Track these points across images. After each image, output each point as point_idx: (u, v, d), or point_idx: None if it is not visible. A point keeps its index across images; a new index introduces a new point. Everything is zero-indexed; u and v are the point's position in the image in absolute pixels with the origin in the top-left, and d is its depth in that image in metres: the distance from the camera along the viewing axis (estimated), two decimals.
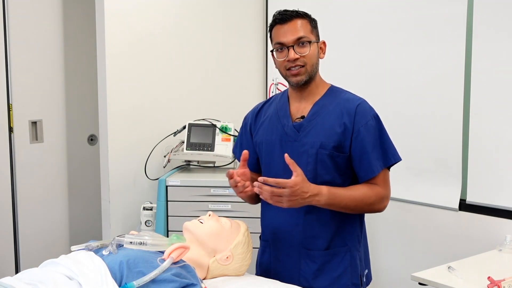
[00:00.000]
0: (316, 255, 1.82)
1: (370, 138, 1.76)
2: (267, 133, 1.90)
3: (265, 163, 1.91)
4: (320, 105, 1.83)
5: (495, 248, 2.33)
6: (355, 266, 1.84)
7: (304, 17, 1.82)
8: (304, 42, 1.77)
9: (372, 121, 1.78)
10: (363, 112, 1.78)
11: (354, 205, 1.76)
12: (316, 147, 1.78)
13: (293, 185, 1.63)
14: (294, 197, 1.64)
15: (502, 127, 2.37)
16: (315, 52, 1.80)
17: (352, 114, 1.77)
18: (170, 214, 2.82)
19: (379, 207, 1.80)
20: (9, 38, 3.07)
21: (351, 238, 1.84)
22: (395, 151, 1.82)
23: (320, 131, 1.79)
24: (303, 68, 1.78)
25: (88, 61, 3.33)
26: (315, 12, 1.88)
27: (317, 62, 1.83)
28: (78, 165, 3.42)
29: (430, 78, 2.63)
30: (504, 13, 2.34)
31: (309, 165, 1.78)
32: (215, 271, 1.70)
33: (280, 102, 1.92)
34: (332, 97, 1.84)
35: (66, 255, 1.53)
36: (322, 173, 1.78)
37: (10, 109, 3.10)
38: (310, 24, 1.82)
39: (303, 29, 1.78)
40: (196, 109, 3.27)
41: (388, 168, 1.82)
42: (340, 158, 1.78)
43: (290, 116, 1.86)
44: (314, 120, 1.81)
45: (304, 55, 1.77)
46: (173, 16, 3.21)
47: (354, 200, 1.75)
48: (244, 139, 2.02)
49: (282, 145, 1.84)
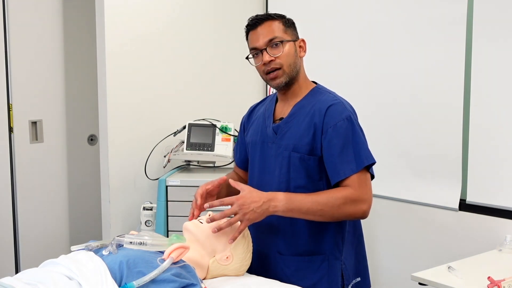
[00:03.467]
0: (290, 260, 1.80)
1: (338, 140, 1.69)
2: (254, 134, 1.90)
3: (251, 163, 1.91)
4: (299, 106, 1.80)
5: (495, 248, 2.33)
6: (334, 275, 1.78)
7: (275, 18, 1.77)
8: (277, 43, 1.74)
9: (342, 122, 1.70)
10: (333, 113, 1.72)
11: (320, 209, 1.65)
12: (289, 150, 1.76)
13: (238, 198, 1.62)
14: (247, 209, 1.61)
15: (502, 127, 2.37)
16: (290, 51, 1.76)
17: (322, 115, 1.72)
18: (170, 214, 2.82)
19: (353, 210, 1.68)
20: (9, 38, 3.07)
21: (329, 246, 1.78)
22: (368, 152, 1.73)
23: (294, 134, 1.76)
24: (280, 70, 1.75)
25: (88, 61, 3.33)
26: (314, 13, 1.87)
27: (295, 61, 1.77)
28: (78, 165, 3.42)
29: (430, 78, 2.62)
30: (504, 13, 2.34)
31: (283, 168, 1.77)
32: (215, 271, 1.70)
33: (270, 103, 1.91)
34: (312, 98, 1.80)
35: (66, 255, 1.53)
36: (294, 176, 1.75)
37: (10, 109, 3.10)
38: (284, 24, 1.77)
39: (275, 30, 1.75)
40: (196, 109, 3.27)
41: (367, 171, 1.73)
42: (312, 161, 1.73)
43: (273, 117, 1.85)
44: (291, 122, 1.79)
45: (278, 56, 1.73)
46: (173, 16, 3.21)
47: (317, 204, 1.65)
48: (239, 138, 2.03)
49: (264, 146, 1.84)
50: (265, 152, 1.84)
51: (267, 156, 1.83)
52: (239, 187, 1.68)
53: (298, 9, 3.14)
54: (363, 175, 1.71)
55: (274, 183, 1.80)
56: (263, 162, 1.85)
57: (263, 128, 1.87)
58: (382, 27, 2.82)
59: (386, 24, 2.80)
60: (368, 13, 2.88)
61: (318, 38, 3.06)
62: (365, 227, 1.95)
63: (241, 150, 2.02)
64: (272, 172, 1.81)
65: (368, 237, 2.86)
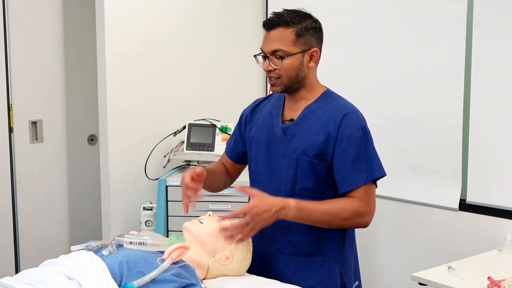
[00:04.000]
0: (291, 260, 1.80)
1: (352, 150, 1.70)
2: (259, 131, 1.88)
3: (254, 161, 1.90)
4: (310, 109, 1.79)
5: (495, 248, 2.33)
6: (334, 278, 1.79)
7: (289, 25, 1.71)
8: (280, 55, 1.71)
9: (357, 132, 1.71)
10: (349, 122, 1.71)
11: (328, 220, 1.69)
12: (298, 153, 1.75)
13: (251, 208, 1.61)
14: (260, 219, 1.62)
15: (502, 127, 2.37)
16: (293, 65, 1.72)
17: (337, 122, 1.72)
18: (170, 214, 2.82)
19: (358, 222, 1.72)
20: (9, 38, 3.07)
21: (330, 248, 1.79)
22: (380, 165, 1.74)
23: (304, 137, 1.76)
24: (279, 80, 1.75)
25: (88, 61, 3.33)
26: (317, 13, 1.86)
27: (297, 74, 1.74)
28: (78, 165, 3.42)
29: (430, 78, 2.62)
30: (504, 13, 2.34)
31: (290, 169, 1.77)
32: (215, 271, 1.70)
33: (277, 101, 1.89)
34: (324, 103, 1.79)
35: (66, 255, 1.53)
36: (301, 179, 1.76)
37: (10, 109, 3.10)
38: (295, 33, 1.71)
39: (282, 41, 1.71)
40: (196, 109, 3.27)
41: (374, 182, 1.74)
42: (321, 166, 1.73)
43: (282, 117, 1.84)
44: (301, 124, 1.78)
45: (278, 68, 1.72)
46: (173, 16, 3.21)
47: (327, 215, 1.68)
48: (237, 130, 2.00)
49: (270, 145, 1.83)
50: (271, 152, 1.82)
51: (274, 156, 1.82)
52: (249, 193, 1.67)
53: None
54: (370, 188, 1.73)
55: (280, 183, 1.80)
56: (268, 161, 1.84)
57: (270, 127, 1.85)
58: (382, 27, 2.81)
59: (386, 24, 2.80)
60: (368, 13, 2.88)
61: None
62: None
63: (236, 141, 1.98)
64: (279, 173, 1.80)
65: (368, 237, 2.87)
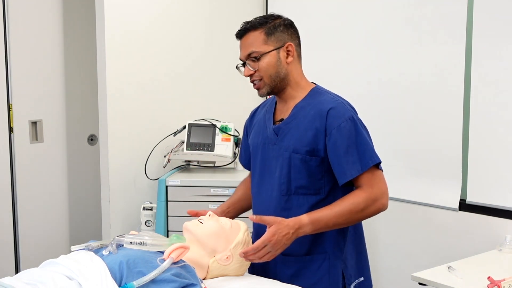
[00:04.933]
0: (291, 260, 1.80)
1: (342, 141, 1.70)
2: (256, 136, 1.91)
3: (253, 166, 1.93)
4: (299, 107, 1.80)
5: (495, 248, 2.33)
6: (335, 275, 1.79)
7: (256, 27, 1.77)
8: (255, 56, 1.75)
9: (345, 123, 1.71)
10: (335, 114, 1.72)
11: (345, 219, 1.69)
12: (290, 151, 1.77)
13: (270, 238, 1.62)
14: (279, 245, 1.63)
15: (502, 127, 2.37)
16: (270, 62, 1.75)
17: (324, 117, 1.73)
18: (170, 214, 2.82)
19: (375, 207, 1.71)
20: (9, 38, 3.07)
21: (331, 245, 1.79)
22: (374, 152, 1.73)
23: (294, 135, 1.77)
24: (261, 82, 1.78)
25: (88, 61, 3.33)
26: (314, 13, 1.86)
27: (278, 71, 1.76)
28: (78, 165, 3.42)
29: (430, 78, 2.62)
30: (504, 13, 2.34)
31: (283, 169, 1.78)
32: (215, 271, 1.70)
33: (270, 106, 1.92)
34: (312, 99, 1.80)
35: (66, 255, 1.53)
36: (296, 177, 1.76)
37: (10, 109, 3.10)
38: (265, 33, 1.76)
39: (253, 43, 1.76)
40: (196, 109, 3.27)
41: (377, 167, 1.73)
42: (313, 161, 1.74)
43: (273, 119, 1.87)
44: (291, 123, 1.79)
45: (256, 69, 1.76)
46: (173, 16, 3.21)
47: (342, 215, 1.68)
48: (243, 142, 2.06)
49: (265, 148, 1.85)
50: (266, 154, 1.84)
51: (268, 158, 1.84)
52: (266, 222, 1.66)
53: (298, 9, 3.14)
54: (374, 172, 1.72)
55: (275, 184, 1.81)
56: (263, 164, 1.86)
57: (263, 130, 1.87)
58: (382, 27, 2.81)
59: (385, 24, 2.80)
60: (368, 14, 2.88)
61: (317, 39, 3.06)
62: (365, 227, 1.95)
63: (246, 152, 2.03)
64: (273, 173, 1.82)
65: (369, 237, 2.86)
